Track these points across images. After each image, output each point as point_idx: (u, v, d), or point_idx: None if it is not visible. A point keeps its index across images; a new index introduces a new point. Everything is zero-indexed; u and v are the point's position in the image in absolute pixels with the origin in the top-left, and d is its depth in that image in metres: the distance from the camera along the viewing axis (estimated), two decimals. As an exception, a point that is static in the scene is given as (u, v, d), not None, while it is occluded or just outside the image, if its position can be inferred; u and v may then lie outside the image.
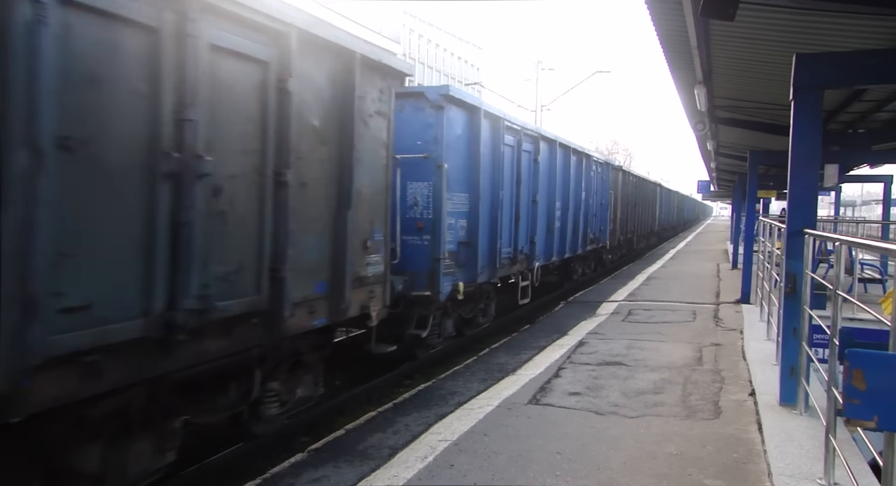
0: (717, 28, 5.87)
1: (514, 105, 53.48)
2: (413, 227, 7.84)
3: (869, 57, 5.47)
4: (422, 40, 55.22)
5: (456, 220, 8.30)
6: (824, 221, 20.39)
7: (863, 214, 52.64)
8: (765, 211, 21.91)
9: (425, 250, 7.86)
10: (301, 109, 5.02)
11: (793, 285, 5.46)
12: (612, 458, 4.73)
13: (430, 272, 7.84)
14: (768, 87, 8.07)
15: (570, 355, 8.06)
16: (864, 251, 11.22)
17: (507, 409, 5.90)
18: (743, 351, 8.22)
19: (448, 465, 4.62)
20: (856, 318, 7.69)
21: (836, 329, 3.91)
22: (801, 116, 5.42)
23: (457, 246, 8.31)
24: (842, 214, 31.13)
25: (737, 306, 11.92)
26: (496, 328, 10.74)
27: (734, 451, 4.87)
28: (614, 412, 5.79)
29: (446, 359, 8.79)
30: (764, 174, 16.93)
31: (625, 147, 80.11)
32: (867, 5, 4.82)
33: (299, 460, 5.04)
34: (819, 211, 7.20)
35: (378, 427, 5.72)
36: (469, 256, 8.70)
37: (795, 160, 5.45)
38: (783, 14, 5.34)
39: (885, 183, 19.00)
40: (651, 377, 6.97)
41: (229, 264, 4.36)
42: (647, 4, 5.61)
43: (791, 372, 5.43)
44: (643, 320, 10.57)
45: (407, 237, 7.65)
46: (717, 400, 6.16)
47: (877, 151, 11.57)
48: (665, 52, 7.13)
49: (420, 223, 7.88)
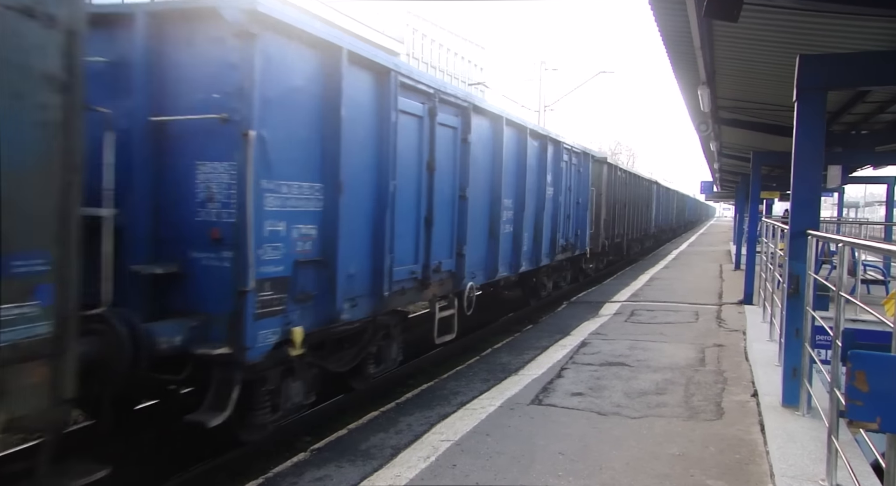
0: (720, 29, 5.87)
1: (518, 105, 53.55)
2: (204, 236, 4.83)
3: (872, 58, 5.46)
4: (425, 40, 55.25)
5: (290, 225, 5.18)
6: (827, 222, 20.39)
7: (866, 215, 52.55)
8: (768, 212, 21.89)
9: (224, 276, 4.77)
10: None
11: (795, 286, 5.46)
12: (615, 458, 4.73)
13: (232, 314, 4.74)
14: (772, 88, 8.07)
15: (572, 355, 8.06)
16: (867, 253, 11.21)
17: (509, 409, 5.90)
18: (745, 352, 8.22)
19: (450, 465, 4.63)
20: (858, 319, 7.70)
21: (838, 330, 3.91)
22: (804, 117, 5.42)
23: (292, 268, 5.21)
24: (845, 215, 31.06)
25: (739, 307, 11.92)
26: (498, 329, 10.73)
27: (736, 452, 4.87)
28: (617, 413, 5.79)
29: (449, 359, 8.80)
30: (767, 175, 16.92)
31: (628, 147, 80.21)
32: (871, 7, 4.81)
33: (302, 459, 5.05)
34: (822, 212, 7.20)
35: (380, 427, 5.73)
36: (321, 282, 5.58)
37: (799, 161, 5.45)
38: (787, 15, 5.34)
39: (889, 184, 19.03)
40: (654, 378, 6.97)
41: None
42: (650, 5, 5.61)
43: (793, 373, 5.43)
44: (646, 321, 10.57)
45: (198, 254, 4.85)
46: (719, 401, 6.16)
47: (880, 152, 11.56)
48: (668, 52, 7.13)
49: (215, 231, 4.80)
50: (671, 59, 7.41)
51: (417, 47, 53.28)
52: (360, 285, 6.12)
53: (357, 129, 5.90)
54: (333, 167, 5.60)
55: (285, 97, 5.09)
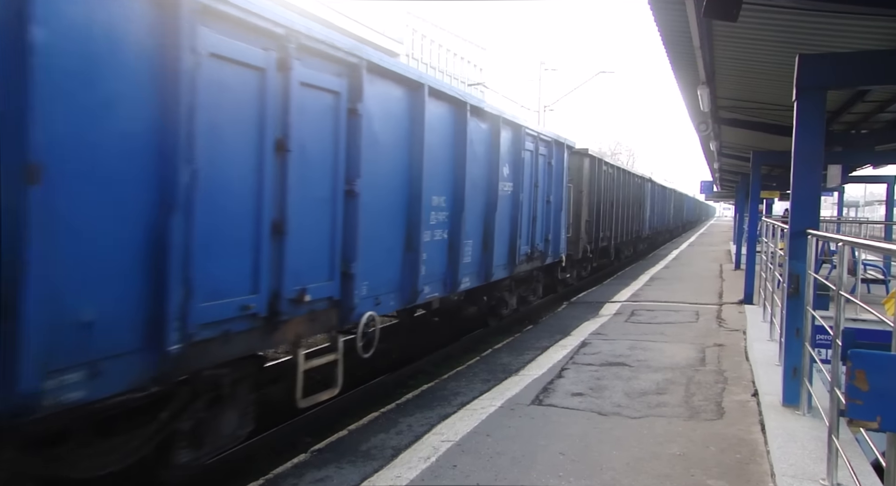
0: (719, 29, 5.87)
1: (518, 105, 53.56)
2: None
3: (872, 57, 5.47)
4: (425, 41, 55.29)
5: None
6: (827, 221, 20.38)
7: (866, 214, 52.59)
8: (768, 212, 21.90)
9: None
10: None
11: (796, 285, 5.46)
12: (615, 459, 4.73)
13: None
14: (771, 87, 8.07)
15: (573, 355, 8.06)
16: (867, 252, 11.21)
17: (509, 409, 5.90)
18: (746, 352, 8.22)
19: (451, 465, 4.63)
20: (859, 318, 7.69)
21: (838, 330, 3.91)
22: (804, 116, 5.42)
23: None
24: (845, 214, 31.08)
25: (740, 307, 11.92)
26: (500, 329, 10.73)
27: (737, 452, 4.87)
28: (617, 413, 5.79)
29: (449, 360, 8.80)
30: (767, 175, 16.93)
31: (628, 147, 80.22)
32: (869, 6, 4.82)
33: (302, 460, 5.05)
34: (822, 212, 7.20)
35: (381, 428, 5.73)
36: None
37: (798, 161, 5.45)
38: (786, 15, 5.34)
39: (889, 184, 19.04)
40: (654, 378, 6.97)
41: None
42: (650, 4, 5.61)
43: (794, 373, 5.43)
44: (646, 321, 10.57)
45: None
46: (720, 401, 6.16)
47: (880, 151, 11.56)
48: (668, 52, 7.13)
49: None
50: (671, 58, 7.41)
51: (417, 48, 53.31)
52: (109, 339, 3.58)
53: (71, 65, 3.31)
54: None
55: None
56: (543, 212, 11.32)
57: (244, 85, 4.47)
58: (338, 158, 5.52)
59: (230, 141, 4.38)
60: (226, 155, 4.34)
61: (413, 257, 6.84)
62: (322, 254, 5.43)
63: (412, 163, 6.79)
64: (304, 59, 4.96)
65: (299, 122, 4.92)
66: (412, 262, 6.84)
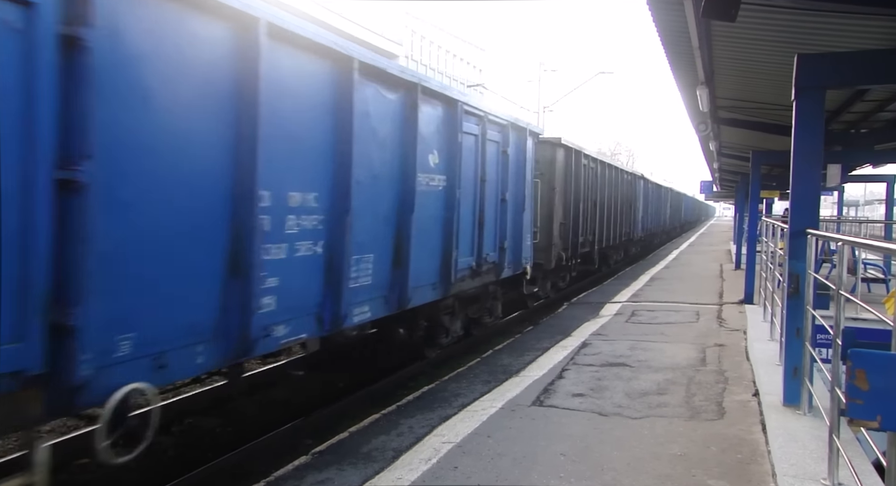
0: (718, 29, 5.87)
1: (517, 106, 53.57)
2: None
3: (870, 57, 5.47)
4: (424, 42, 55.30)
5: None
6: (827, 221, 20.39)
7: (866, 213, 52.60)
8: (767, 211, 21.89)
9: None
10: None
11: (796, 285, 5.46)
12: (616, 459, 4.73)
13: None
14: (770, 87, 8.07)
15: (573, 356, 8.06)
16: (867, 251, 11.22)
17: (510, 411, 5.90)
18: (746, 352, 8.22)
19: (452, 467, 4.62)
20: (859, 318, 7.69)
21: (839, 329, 3.91)
22: (803, 116, 5.42)
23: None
24: (844, 214, 31.06)
25: (740, 307, 11.92)
26: (501, 328, 10.73)
27: (738, 452, 4.87)
28: (618, 414, 5.79)
29: (450, 361, 8.80)
30: (766, 174, 16.93)
31: (628, 148, 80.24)
32: (867, 5, 4.82)
33: (303, 462, 5.04)
34: (822, 211, 7.20)
35: (382, 430, 5.72)
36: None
37: (798, 160, 5.45)
38: (784, 14, 5.35)
39: (888, 183, 19.03)
40: (655, 378, 6.96)
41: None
42: (648, 5, 5.62)
43: (794, 373, 5.43)
44: (646, 321, 10.57)
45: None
46: (720, 401, 6.16)
47: (879, 150, 11.56)
48: (667, 52, 7.14)
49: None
50: (670, 59, 7.42)
51: (416, 49, 53.32)
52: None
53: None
54: None
55: None
56: (495, 213, 9.09)
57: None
58: (40, 132, 3.13)
59: None
60: None
61: (243, 286, 4.50)
62: (17, 299, 3.08)
63: (240, 138, 4.45)
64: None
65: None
66: (241, 292, 4.49)
